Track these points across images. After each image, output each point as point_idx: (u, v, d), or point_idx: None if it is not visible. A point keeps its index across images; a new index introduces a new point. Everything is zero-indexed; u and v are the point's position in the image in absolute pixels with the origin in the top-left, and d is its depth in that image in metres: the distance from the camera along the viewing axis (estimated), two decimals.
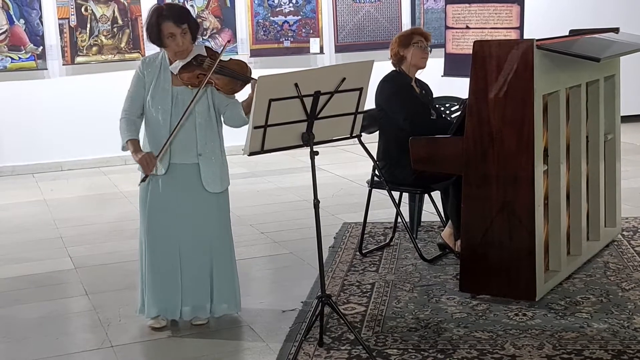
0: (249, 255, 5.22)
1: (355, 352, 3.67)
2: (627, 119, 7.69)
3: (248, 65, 3.97)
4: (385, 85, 4.90)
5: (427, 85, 5.11)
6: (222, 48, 3.95)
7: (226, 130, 4.03)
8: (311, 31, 8.95)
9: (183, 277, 3.99)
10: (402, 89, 4.88)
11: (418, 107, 4.87)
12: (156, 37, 3.90)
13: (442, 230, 5.02)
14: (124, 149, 3.96)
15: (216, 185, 3.97)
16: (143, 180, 3.93)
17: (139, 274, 4.10)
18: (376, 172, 5.00)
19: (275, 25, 8.84)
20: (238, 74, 3.88)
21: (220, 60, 3.87)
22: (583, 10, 9.31)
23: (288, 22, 8.88)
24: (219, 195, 3.99)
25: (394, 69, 4.98)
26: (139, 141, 3.94)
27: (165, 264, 3.98)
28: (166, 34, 3.86)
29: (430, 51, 4.96)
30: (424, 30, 5.04)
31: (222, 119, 3.99)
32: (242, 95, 3.89)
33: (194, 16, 8.51)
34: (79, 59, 8.19)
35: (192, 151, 3.92)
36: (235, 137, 4.56)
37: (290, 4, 8.85)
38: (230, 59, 3.97)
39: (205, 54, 3.93)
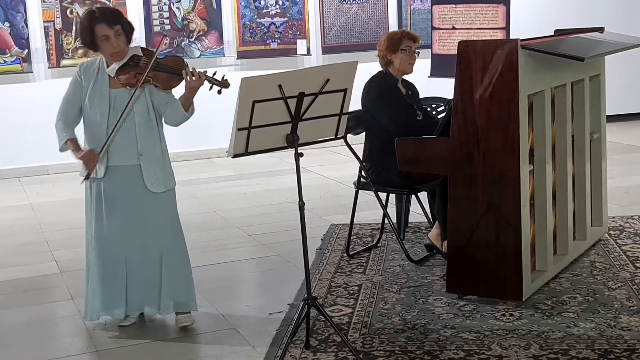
0: (235, 257, 5.20)
1: (342, 354, 3.65)
2: (612, 118, 7.71)
3: (184, 61, 3.99)
4: (371, 87, 4.89)
5: (413, 85, 5.11)
6: (156, 48, 4.00)
7: (214, 131, 4.01)
8: (298, 33, 8.94)
9: (130, 278, 3.99)
10: (387, 91, 4.87)
11: (403, 109, 4.86)
12: (90, 40, 3.91)
13: (429, 231, 5.01)
14: (62, 150, 3.98)
15: (159, 185, 3.97)
16: (86, 177, 3.94)
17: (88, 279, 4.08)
18: (363, 173, 4.99)
19: (262, 27, 8.83)
20: (173, 68, 3.91)
21: (156, 58, 3.89)
22: (568, 10, 9.34)
23: (275, 24, 8.87)
24: (162, 195, 3.98)
25: (381, 69, 4.97)
26: (77, 140, 3.97)
27: (112, 266, 3.97)
28: (100, 36, 3.87)
29: (418, 54, 4.95)
30: (413, 34, 4.99)
31: (163, 118, 4.01)
32: (178, 91, 3.93)
33: (180, 19, 8.46)
34: (64, 62, 8.15)
35: (133, 152, 3.92)
36: (218, 140, 4.54)
37: (277, 6, 8.84)
38: (166, 56, 4.02)
39: (141, 54, 3.95)
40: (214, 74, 3.91)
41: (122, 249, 3.97)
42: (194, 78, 3.84)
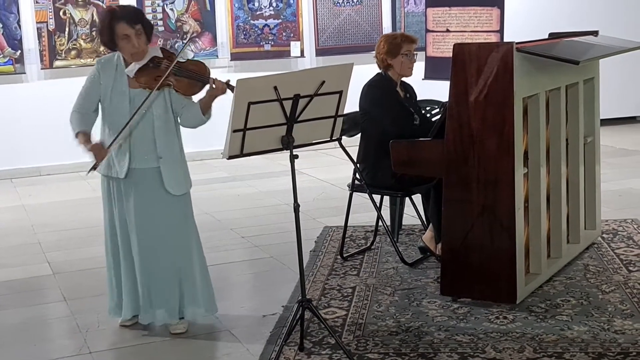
0: (229, 259, 5.19)
1: (336, 356, 3.65)
2: (606, 122, 7.73)
3: (207, 65, 3.92)
4: (371, 90, 4.87)
5: (411, 87, 5.08)
6: (180, 49, 3.91)
7: (207, 133, 3.99)
8: (292, 35, 8.94)
9: (150, 280, 3.94)
10: (387, 95, 4.85)
11: (401, 113, 4.85)
12: (109, 39, 3.85)
13: (423, 233, 5.01)
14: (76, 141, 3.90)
15: (180, 187, 3.94)
16: (93, 168, 3.84)
17: (107, 275, 4.10)
18: (357, 175, 4.99)
19: (256, 29, 8.82)
20: (197, 75, 3.85)
21: (178, 61, 3.83)
22: (563, 13, 9.36)
23: (268, 26, 8.86)
24: (181, 197, 3.96)
25: (379, 71, 4.95)
26: (89, 133, 3.87)
27: (131, 268, 3.96)
28: (120, 35, 3.81)
29: (417, 55, 4.95)
30: (412, 36, 4.96)
31: (179, 120, 3.96)
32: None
33: (173, 20, 8.42)
34: (57, 63, 8.13)
35: (152, 155, 3.87)
36: (212, 142, 4.53)
37: (271, 8, 8.84)
38: (188, 60, 3.91)
39: (162, 55, 3.89)
40: (228, 81, 3.85)
41: (139, 252, 3.92)
42: (216, 86, 3.78)
